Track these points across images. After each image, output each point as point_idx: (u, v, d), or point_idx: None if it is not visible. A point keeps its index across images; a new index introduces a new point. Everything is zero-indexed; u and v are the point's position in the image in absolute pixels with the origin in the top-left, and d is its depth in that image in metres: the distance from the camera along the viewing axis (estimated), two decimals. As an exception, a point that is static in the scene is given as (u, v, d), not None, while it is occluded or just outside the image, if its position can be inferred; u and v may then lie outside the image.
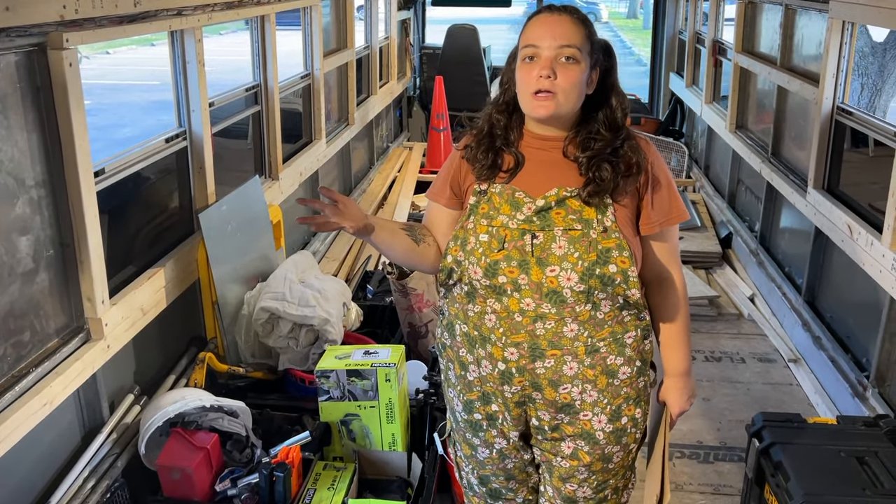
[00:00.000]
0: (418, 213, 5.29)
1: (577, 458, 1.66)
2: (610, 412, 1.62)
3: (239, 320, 2.68)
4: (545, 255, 1.53)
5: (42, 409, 1.83)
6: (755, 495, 2.28)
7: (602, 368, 1.59)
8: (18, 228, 1.82)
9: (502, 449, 1.72)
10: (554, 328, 1.55)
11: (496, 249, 1.55)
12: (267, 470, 2.00)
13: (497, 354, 1.59)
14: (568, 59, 1.51)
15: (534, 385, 1.60)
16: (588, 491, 1.71)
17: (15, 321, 1.83)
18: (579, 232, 1.53)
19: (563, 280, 1.52)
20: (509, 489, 1.81)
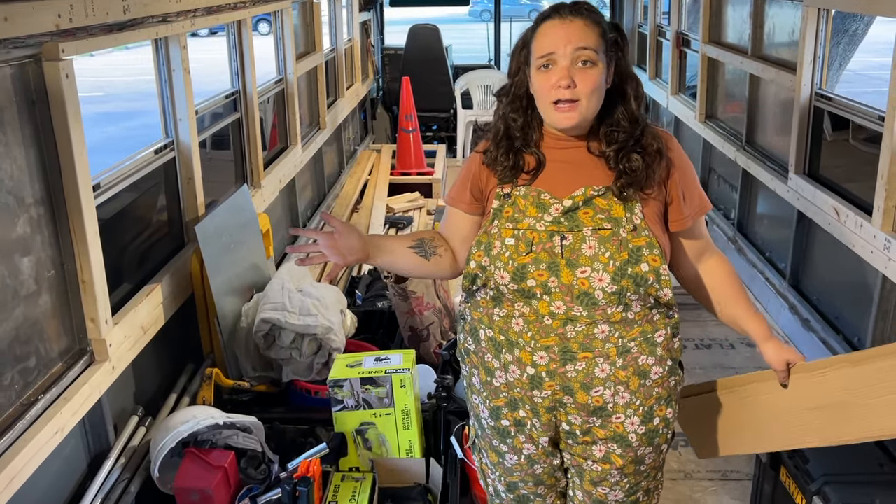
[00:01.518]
0: (393, 215, 5.25)
1: (609, 462, 1.63)
2: (643, 413, 1.59)
3: (238, 333, 2.61)
4: (575, 256, 1.50)
5: (54, 437, 1.75)
6: (770, 479, 2.32)
7: (634, 369, 1.56)
8: (20, 249, 1.74)
9: (531, 455, 1.68)
10: (585, 330, 1.52)
11: (524, 253, 1.52)
12: (290, 485, 1.95)
13: (525, 359, 1.55)
14: (585, 62, 1.48)
15: (565, 389, 1.56)
16: (620, 494, 1.68)
17: (20, 346, 1.74)
18: (609, 231, 1.50)
19: (595, 281, 1.49)
20: (538, 495, 1.77)
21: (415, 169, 6.07)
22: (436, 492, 2.20)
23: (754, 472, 2.46)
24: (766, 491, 2.36)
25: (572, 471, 1.71)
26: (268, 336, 2.56)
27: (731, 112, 4.55)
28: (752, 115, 4.06)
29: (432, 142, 7.18)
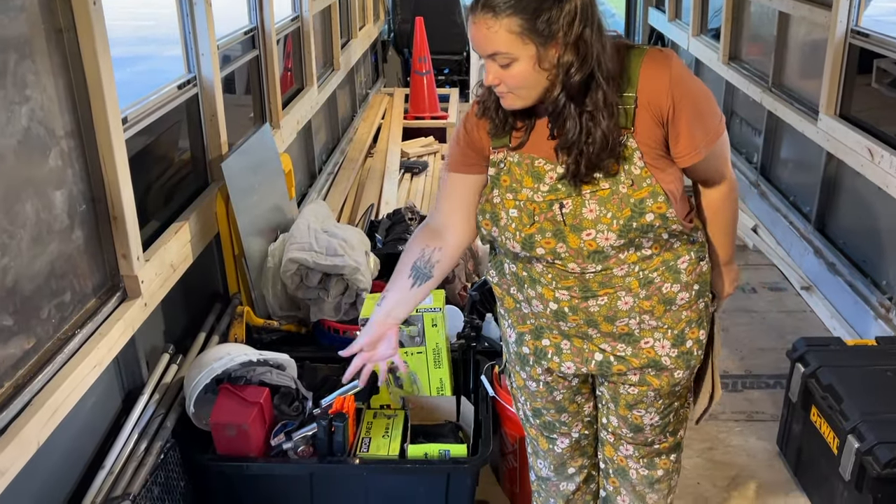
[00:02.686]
0: (408, 160, 5.19)
1: (646, 384, 1.64)
2: (672, 337, 1.59)
3: (264, 273, 2.59)
4: (577, 221, 1.45)
5: (92, 371, 1.74)
6: (799, 419, 2.32)
7: (659, 298, 1.54)
8: (53, 183, 1.71)
9: (549, 381, 1.71)
10: (602, 272, 1.50)
11: (528, 224, 1.48)
12: (325, 420, 1.95)
13: (548, 295, 1.54)
14: (504, 66, 1.37)
15: (588, 322, 1.56)
16: (655, 417, 1.70)
17: (56, 281, 1.72)
18: (608, 190, 1.43)
19: (602, 241, 1.45)
20: (562, 423, 1.80)
21: (428, 113, 5.98)
22: (466, 429, 2.21)
23: (782, 412, 2.47)
24: (794, 431, 2.38)
25: (606, 396, 1.72)
26: (295, 276, 2.54)
27: (756, 53, 4.44)
28: (780, 56, 3.97)
29: (444, 85, 7.05)
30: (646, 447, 1.76)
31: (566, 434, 1.82)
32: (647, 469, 1.80)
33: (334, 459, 1.98)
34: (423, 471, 1.98)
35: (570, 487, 1.91)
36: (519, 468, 2.24)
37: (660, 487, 1.83)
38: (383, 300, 1.66)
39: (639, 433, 1.73)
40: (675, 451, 1.81)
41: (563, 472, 1.89)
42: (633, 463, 1.80)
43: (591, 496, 1.96)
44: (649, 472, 1.81)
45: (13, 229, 1.56)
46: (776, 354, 3.00)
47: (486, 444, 2.03)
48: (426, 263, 1.61)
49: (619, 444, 1.79)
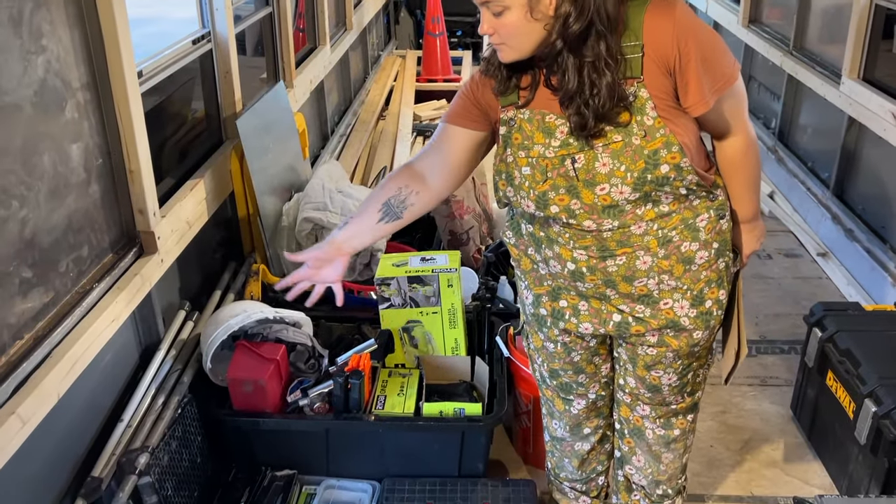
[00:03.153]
0: (420, 123, 5.14)
1: (664, 345, 1.62)
2: (691, 297, 1.57)
3: (279, 233, 2.59)
4: (591, 175, 1.41)
5: (110, 325, 1.74)
6: (815, 384, 2.32)
7: (678, 257, 1.52)
8: (70, 135, 1.69)
9: (567, 342, 1.70)
10: (620, 230, 1.48)
11: (541, 181, 1.45)
12: (341, 377, 1.96)
13: (565, 255, 1.53)
14: (496, 14, 1.34)
15: (606, 282, 1.54)
16: (673, 378, 1.69)
17: (73, 235, 1.72)
18: (620, 143, 1.40)
19: (616, 195, 1.43)
20: (579, 384, 1.80)
21: (441, 75, 5.91)
22: (481, 389, 2.21)
23: (797, 377, 2.46)
24: (808, 395, 2.37)
25: (624, 357, 1.71)
26: (310, 235, 2.53)
27: (777, 16, 4.35)
28: (802, 18, 3.88)
29: (457, 48, 6.94)
30: (663, 407, 1.76)
31: (583, 395, 1.82)
32: (663, 429, 1.80)
33: (350, 416, 1.99)
34: (438, 428, 1.99)
35: (585, 447, 1.92)
36: (532, 428, 2.25)
37: (675, 447, 1.83)
38: (345, 225, 1.64)
39: (656, 394, 1.73)
40: (692, 412, 1.82)
41: (578, 433, 1.90)
42: (649, 423, 1.80)
43: (605, 455, 1.97)
44: (665, 433, 1.81)
45: (31, 181, 1.55)
46: (791, 320, 2.98)
47: (501, 404, 2.04)
48: (400, 203, 1.59)
49: (635, 405, 1.79)
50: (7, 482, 1.44)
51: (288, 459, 2.06)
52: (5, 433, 1.37)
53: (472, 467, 2.05)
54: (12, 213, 1.50)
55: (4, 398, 1.42)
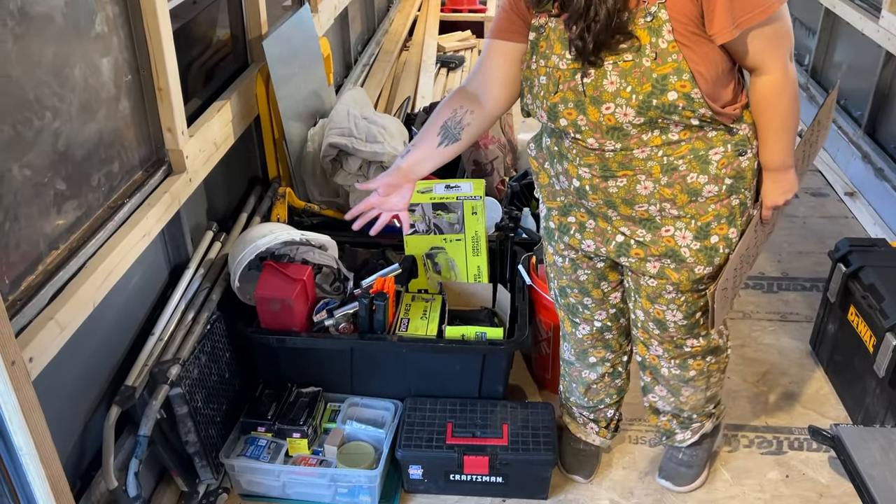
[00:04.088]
0: (445, 55, 5.07)
1: (664, 277, 1.62)
2: (696, 228, 1.54)
3: (304, 158, 2.59)
4: (598, 93, 1.40)
5: (142, 240, 1.78)
6: (835, 318, 2.32)
7: (682, 187, 1.50)
8: (100, 49, 1.69)
9: (574, 259, 1.73)
10: (622, 152, 1.47)
11: (553, 92, 1.45)
12: (367, 299, 1.99)
13: (572, 171, 1.55)
14: None
15: (607, 203, 1.55)
16: (678, 314, 1.68)
17: (105, 149, 1.74)
18: (630, 63, 1.37)
19: (620, 116, 1.41)
20: (585, 306, 1.82)
21: (466, 6, 5.79)
22: (502, 315, 2.24)
23: (818, 313, 2.47)
24: (829, 331, 2.38)
25: (631, 287, 1.72)
26: (335, 162, 2.54)
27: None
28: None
29: (483, -21, 6.77)
30: (676, 349, 1.76)
31: (588, 320, 1.84)
32: (678, 370, 1.82)
33: (374, 337, 2.03)
34: (459, 350, 2.03)
35: (591, 376, 1.95)
36: (552, 355, 2.29)
37: (695, 384, 1.85)
38: (408, 153, 1.66)
39: (664, 331, 1.73)
40: (712, 354, 1.81)
41: (584, 360, 1.93)
42: (664, 363, 1.82)
43: (615, 390, 2.00)
44: (681, 373, 1.82)
45: (63, 93, 1.56)
46: (815, 258, 2.97)
47: (522, 329, 2.07)
48: (456, 124, 1.60)
49: (649, 343, 1.79)
50: (47, 387, 1.49)
51: (313, 377, 2.11)
52: (45, 337, 1.41)
53: (492, 389, 2.10)
54: (46, 125, 1.51)
55: (43, 305, 1.47)
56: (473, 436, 1.97)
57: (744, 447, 2.18)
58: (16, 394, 1.26)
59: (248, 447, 1.98)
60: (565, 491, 2.04)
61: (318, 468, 1.94)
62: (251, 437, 2.00)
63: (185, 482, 1.92)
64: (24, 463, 1.32)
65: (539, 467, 1.94)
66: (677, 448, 2.03)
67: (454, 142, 1.62)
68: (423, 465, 1.95)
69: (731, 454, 2.15)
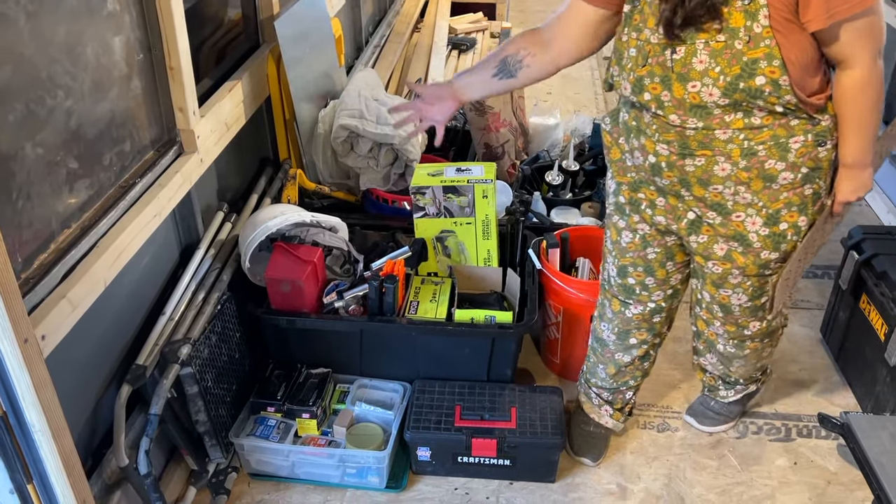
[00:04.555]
0: (456, 36, 5.03)
1: (730, 260, 1.64)
2: (766, 215, 1.56)
3: (315, 139, 2.58)
4: (686, 70, 1.43)
5: (153, 220, 1.78)
6: (847, 306, 2.31)
7: (758, 172, 1.51)
8: (112, 28, 1.68)
9: (645, 235, 1.74)
10: (704, 131, 1.48)
11: (641, 65, 1.48)
12: (376, 281, 1.99)
13: (649, 147, 1.56)
14: None
15: (682, 182, 1.56)
16: (743, 297, 1.71)
17: (116, 129, 1.74)
18: (722, 44, 1.39)
19: (706, 95, 1.43)
20: (644, 286, 1.82)
21: (479, -12, 5.73)
22: (511, 299, 2.24)
23: (829, 300, 2.46)
24: (840, 318, 2.37)
25: (697, 270, 1.75)
26: (345, 143, 2.53)
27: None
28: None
29: (495, -39, 6.70)
30: (737, 330, 1.80)
31: (643, 301, 1.85)
32: (734, 349, 1.87)
33: (384, 319, 2.03)
34: (468, 334, 2.03)
35: (625, 359, 1.97)
36: (561, 339, 2.29)
37: (748, 358, 1.91)
38: (462, 73, 1.72)
39: (728, 314, 1.76)
40: (769, 337, 1.86)
41: (624, 340, 1.94)
42: (721, 340, 1.87)
43: (641, 373, 2.03)
44: (736, 351, 1.88)
45: (75, 72, 1.56)
46: (827, 246, 2.91)
47: (532, 313, 2.06)
48: (517, 62, 1.64)
49: (711, 322, 1.83)
50: (59, 364, 1.50)
51: (323, 358, 2.12)
52: (57, 315, 1.42)
53: (500, 373, 2.10)
54: (58, 103, 1.51)
55: (55, 283, 1.47)
56: (482, 418, 1.97)
57: (752, 434, 2.17)
58: (28, 371, 1.27)
59: (257, 427, 1.99)
60: (573, 474, 2.04)
61: (327, 448, 1.95)
62: (261, 417, 2.01)
63: (195, 461, 1.94)
64: (36, 440, 1.33)
65: (547, 451, 1.94)
66: (711, 398, 2.13)
67: (509, 77, 1.66)
68: (431, 447, 1.96)
69: (739, 440, 2.15)
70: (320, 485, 1.99)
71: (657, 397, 2.29)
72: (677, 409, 2.25)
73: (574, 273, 2.35)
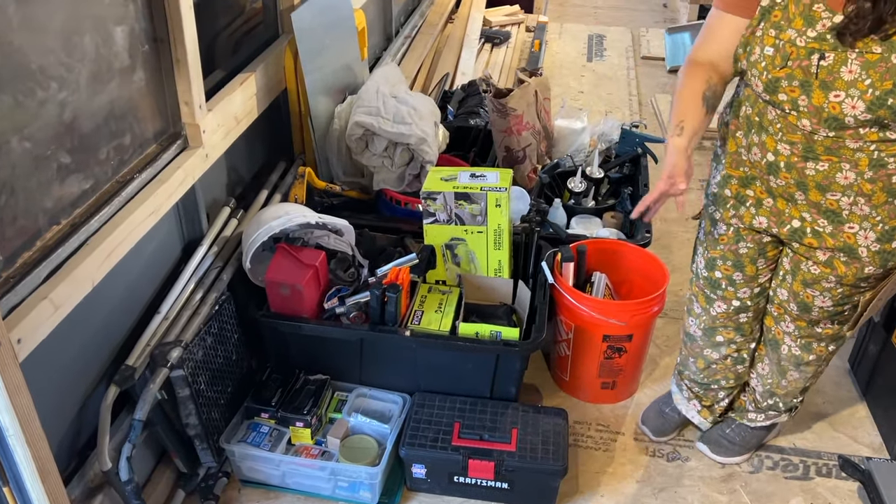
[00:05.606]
0: (490, 29, 4.92)
1: (831, 267, 1.57)
2: (881, 231, 1.49)
3: (330, 135, 2.51)
4: (831, 78, 1.36)
5: (149, 217, 1.73)
6: (878, 339, 2.18)
7: (884, 185, 1.43)
8: (114, 17, 1.63)
9: (739, 229, 1.69)
10: (833, 138, 1.41)
11: (779, 66, 1.41)
12: (379, 290, 1.92)
13: (770, 145, 1.50)
14: None
15: (799, 184, 1.50)
16: (828, 302, 1.64)
17: (115, 122, 1.68)
18: (878, 56, 1.31)
19: (847, 108, 1.35)
20: (731, 281, 1.76)
21: (516, -20, 5.60)
22: (521, 313, 2.15)
23: (860, 330, 2.32)
24: (870, 351, 2.24)
25: (787, 268, 1.67)
26: (360, 141, 2.45)
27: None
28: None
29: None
30: (809, 327, 1.72)
31: (728, 298, 1.80)
32: (800, 350, 1.78)
33: (385, 329, 1.96)
34: (472, 349, 1.95)
35: (714, 355, 1.93)
36: (571, 356, 2.19)
37: (805, 369, 1.82)
38: (681, 131, 1.51)
39: (805, 312, 1.69)
40: (836, 342, 1.77)
41: (710, 337, 1.90)
42: (789, 340, 1.78)
43: (734, 375, 1.96)
44: (801, 354, 1.79)
45: (71, 62, 1.50)
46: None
47: (540, 331, 1.97)
48: (713, 95, 1.54)
49: (781, 319, 1.76)
50: (43, 365, 1.46)
51: (322, 364, 2.06)
52: (36, 317, 1.37)
53: (504, 391, 2.02)
54: (51, 95, 1.46)
55: (37, 283, 1.42)
56: (481, 438, 1.89)
57: (767, 469, 2.06)
58: (1, 375, 1.22)
59: (249, 433, 1.94)
60: (573, 501, 1.96)
61: (319, 461, 1.89)
62: (254, 423, 1.96)
63: (185, 464, 1.89)
64: (10, 444, 1.28)
65: (546, 477, 1.85)
66: (729, 422, 2.04)
67: (713, 111, 1.58)
68: (426, 465, 1.88)
69: (752, 475, 2.04)
70: (311, 496, 1.93)
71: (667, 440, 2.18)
72: (689, 438, 2.15)
73: (589, 288, 2.25)
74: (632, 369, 2.21)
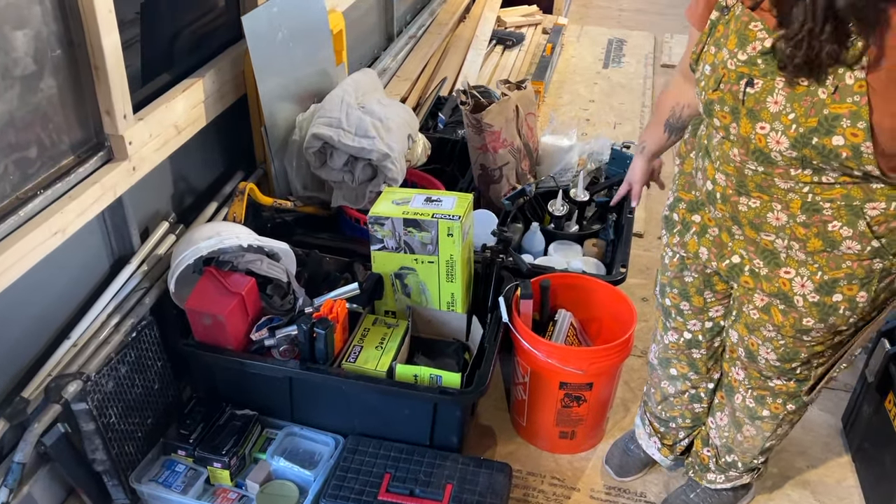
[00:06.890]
0: (503, 30, 4.72)
1: (767, 314, 1.44)
2: (820, 281, 1.32)
3: (290, 146, 2.35)
4: (758, 107, 1.22)
5: (52, 238, 1.59)
6: (872, 401, 1.95)
7: (819, 231, 1.27)
8: (13, 20, 1.48)
9: (683, 258, 1.59)
10: (763, 175, 1.29)
11: (712, 89, 1.29)
12: (306, 325, 1.76)
13: (710, 173, 1.40)
14: None
15: (733, 219, 1.39)
16: (772, 355, 1.48)
17: (16, 133, 1.54)
18: (804, 88, 1.15)
19: (773, 142, 1.21)
20: (680, 311, 1.65)
21: (536, -22, 5.38)
22: (474, 350, 1.98)
23: (855, 388, 2.09)
24: (863, 412, 2.01)
25: (734, 306, 1.54)
26: (319, 154, 2.29)
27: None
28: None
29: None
30: (760, 379, 1.56)
31: (678, 329, 1.68)
32: (753, 402, 1.62)
33: (314, 367, 1.80)
34: (407, 395, 1.77)
35: (670, 389, 1.81)
36: (528, 401, 2.01)
37: (760, 426, 1.64)
38: (644, 146, 1.78)
39: (752, 362, 1.54)
40: (794, 402, 1.57)
41: (665, 368, 1.79)
42: (742, 390, 1.63)
43: (690, 414, 1.83)
44: (755, 406, 1.62)
45: (-51, 71, 1.37)
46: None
47: (482, 379, 1.79)
48: (679, 120, 1.62)
49: (733, 363, 1.61)
50: None
51: (252, 398, 1.91)
52: None
53: (445, 439, 1.85)
54: (-76, 107, 1.32)
55: None
56: (411, 493, 1.72)
57: (735, 541, 1.85)
58: None
59: (163, 471, 1.79)
60: (513, 566, 1.78)
61: (232, 508, 1.74)
62: (170, 461, 1.82)
63: (93, 501, 1.76)
64: None
65: (478, 541, 1.68)
66: (693, 486, 1.87)
67: (679, 134, 1.65)
68: (349, 519, 1.72)
69: (717, 548, 1.84)
70: (226, 543, 1.79)
71: (631, 480, 1.99)
72: (652, 499, 1.95)
73: (552, 327, 2.06)
74: (593, 419, 2.02)
